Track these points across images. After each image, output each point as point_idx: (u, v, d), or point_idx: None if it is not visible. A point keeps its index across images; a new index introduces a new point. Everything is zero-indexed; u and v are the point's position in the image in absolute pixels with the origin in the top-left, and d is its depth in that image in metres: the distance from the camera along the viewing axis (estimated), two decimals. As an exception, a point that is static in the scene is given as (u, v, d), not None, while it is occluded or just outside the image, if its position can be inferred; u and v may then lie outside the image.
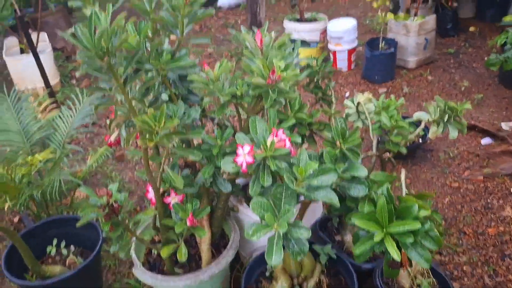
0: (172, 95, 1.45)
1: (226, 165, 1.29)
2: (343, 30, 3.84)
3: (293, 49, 1.66)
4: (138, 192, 2.76)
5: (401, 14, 3.81)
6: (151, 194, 1.56)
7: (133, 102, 1.27)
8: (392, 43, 3.73)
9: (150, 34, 1.30)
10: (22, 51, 3.91)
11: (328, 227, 2.05)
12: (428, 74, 3.82)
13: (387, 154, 1.79)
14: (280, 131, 1.31)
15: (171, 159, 1.56)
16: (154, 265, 1.81)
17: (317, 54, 4.18)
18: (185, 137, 1.32)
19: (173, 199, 1.57)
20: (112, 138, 1.54)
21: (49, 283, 1.71)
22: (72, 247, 2.01)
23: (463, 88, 3.55)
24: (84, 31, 1.07)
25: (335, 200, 1.27)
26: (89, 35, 1.07)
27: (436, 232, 1.30)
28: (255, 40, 1.44)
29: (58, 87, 4.04)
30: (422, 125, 1.75)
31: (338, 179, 1.39)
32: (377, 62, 3.68)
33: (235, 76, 1.55)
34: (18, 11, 3.65)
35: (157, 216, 1.62)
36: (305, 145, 1.70)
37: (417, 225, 1.22)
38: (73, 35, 1.10)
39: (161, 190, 1.57)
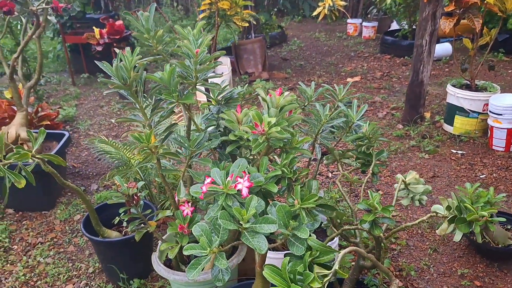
0: (196, 125, 1.79)
1: (194, 189, 1.56)
2: (503, 107, 3.43)
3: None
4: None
5: None
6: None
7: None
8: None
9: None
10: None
11: None
12: None
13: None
14: (246, 177, 1.51)
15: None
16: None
17: (475, 127, 3.83)
18: (178, 159, 1.65)
19: (186, 209, 1.90)
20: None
21: (106, 241, 2.30)
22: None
23: None
24: (108, 65, 1.53)
25: (263, 248, 1.39)
26: (114, 68, 1.52)
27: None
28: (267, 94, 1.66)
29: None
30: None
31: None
32: (533, 150, 3.17)
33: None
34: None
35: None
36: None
37: None
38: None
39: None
